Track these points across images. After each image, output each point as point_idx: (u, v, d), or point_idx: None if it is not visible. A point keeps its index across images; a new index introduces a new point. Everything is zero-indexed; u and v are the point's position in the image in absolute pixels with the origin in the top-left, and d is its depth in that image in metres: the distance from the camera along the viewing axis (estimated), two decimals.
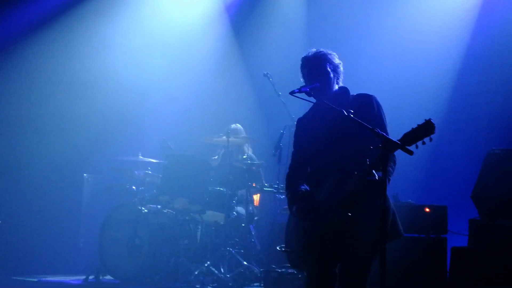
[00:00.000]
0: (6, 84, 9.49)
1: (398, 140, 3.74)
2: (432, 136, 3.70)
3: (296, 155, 4.49)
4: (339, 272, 4.23)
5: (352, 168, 4.02)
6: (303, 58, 4.43)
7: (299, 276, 7.13)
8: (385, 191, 3.71)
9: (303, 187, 4.30)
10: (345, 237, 4.07)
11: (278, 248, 4.41)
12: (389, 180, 3.99)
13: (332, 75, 4.35)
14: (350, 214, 3.99)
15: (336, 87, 4.40)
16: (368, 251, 4.11)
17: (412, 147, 3.73)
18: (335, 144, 4.21)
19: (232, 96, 10.52)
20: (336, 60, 4.40)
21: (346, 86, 4.44)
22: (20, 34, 9.47)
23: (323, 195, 4.15)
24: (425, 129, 3.70)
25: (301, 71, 4.44)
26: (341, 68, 4.41)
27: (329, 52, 4.40)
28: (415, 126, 3.73)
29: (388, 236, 4.01)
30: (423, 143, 3.73)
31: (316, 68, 4.34)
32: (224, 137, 8.30)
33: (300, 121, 4.55)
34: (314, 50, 4.41)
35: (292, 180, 4.40)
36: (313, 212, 4.11)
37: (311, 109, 4.46)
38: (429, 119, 3.71)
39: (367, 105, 4.25)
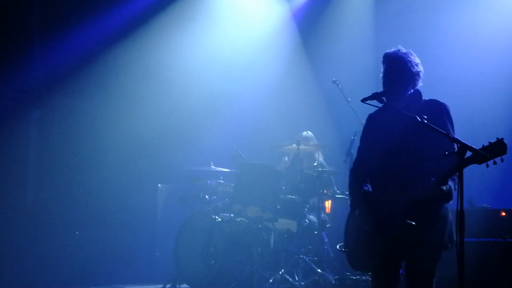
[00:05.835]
0: (84, 95, 9.69)
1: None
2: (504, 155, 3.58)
3: (363, 151, 4.46)
4: (406, 276, 4.22)
5: (417, 176, 3.99)
6: (384, 54, 4.33)
7: None
8: (462, 196, 3.58)
9: (366, 187, 4.28)
10: (408, 242, 4.07)
11: (337, 247, 4.44)
12: (455, 188, 3.93)
13: (408, 79, 4.22)
14: (414, 223, 3.97)
15: (411, 90, 4.26)
16: (431, 255, 4.11)
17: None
18: (403, 150, 4.15)
19: (302, 103, 10.52)
20: (416, 67, 4.24)
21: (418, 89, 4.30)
22: (99, 45, 9.62)
23: (386, 200, 4.11)
24: (496, 149, 3.59)
25: (383, 65, 4.33)
26: (421, 71, 4.25)
27: (411, 55, 4.26)
28: (486, 142, 3.61)
29: (443, 246, 4.08)
30: (494, 163, 3.62)
31: (393, 70, 4.24)
32: (295, 145, 8.33)
33: (371, 117, 4.51)
34: (397, 48, 4.29)
35: (357, 177, 4.38)
36: (376, 218, 4.11)
37: (383, 107, 4.29)
38: (501, 139, 3.60)
39: (437, 113, 4.10)
